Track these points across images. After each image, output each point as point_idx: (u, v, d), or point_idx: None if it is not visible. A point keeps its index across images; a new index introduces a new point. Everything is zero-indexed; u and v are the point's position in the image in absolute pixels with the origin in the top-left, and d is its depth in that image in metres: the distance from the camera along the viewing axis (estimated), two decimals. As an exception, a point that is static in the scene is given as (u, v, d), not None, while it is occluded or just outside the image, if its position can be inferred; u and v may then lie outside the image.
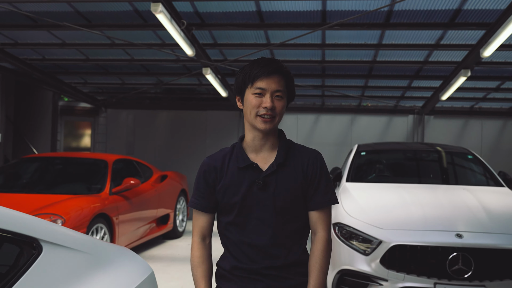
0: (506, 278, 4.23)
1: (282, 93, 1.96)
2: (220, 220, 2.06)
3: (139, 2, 6.04)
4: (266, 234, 1.96)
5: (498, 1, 5.61)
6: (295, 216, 2.00)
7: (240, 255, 1.99)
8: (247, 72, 1.98)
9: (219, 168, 2.00)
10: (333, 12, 6.14)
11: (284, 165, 1.98)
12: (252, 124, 1.97)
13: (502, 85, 9.40)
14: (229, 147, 2.07)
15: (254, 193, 1.95)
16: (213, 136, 12.10)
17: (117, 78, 10.50)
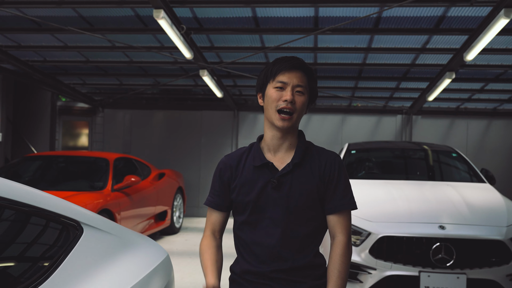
0: (485, 266, 4.56)
1: (303, 89, 1.93)
2: (235, 219, 2.03)
3: (141, 8, 6.30)
4: (278, 235, 1.91)
5: (479, 9, 5.94)
6: (308, 218, 1.94)
7: (251, 257, 1.96)
8: (269, 68, 1.96)
9: (235, 167, 1.99)
10: (325, 18, 6.44)
11: (300, 165, 1.94)
12: (271, 121, 1.94)
13: (486, 86, 9.75)
14: (247, 146, 2.06)
15: (268, 192, 1.92)
16: (208, 136, 12.37)
17: (115, 79, 10.74)
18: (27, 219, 1.63)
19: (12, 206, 1.56)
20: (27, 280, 1.44)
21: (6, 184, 1.61)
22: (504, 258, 4.61)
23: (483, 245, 4.59)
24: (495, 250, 4.60)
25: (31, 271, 1.50)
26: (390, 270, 4.60)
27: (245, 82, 10.18)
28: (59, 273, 1.58)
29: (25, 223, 1.62)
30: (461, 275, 4.47)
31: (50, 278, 1.53)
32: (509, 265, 4.59)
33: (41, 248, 1.66)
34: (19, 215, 1.59)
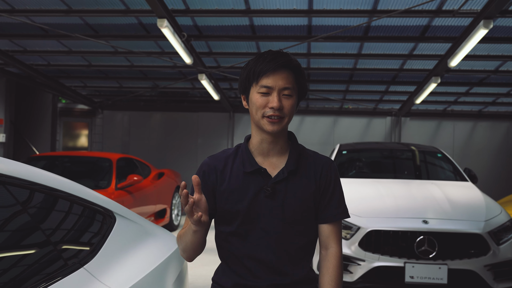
0: (465, 257, 4.93)
1: (291, 91, 1.72)
2: (220, 230, 1.83)
3: (145, 17, 6.63)
4: (272, 247, 1.75)
5: (461, 19, 6.32)
6: (304, 229, 1.79)
7: (242, 270, 1.77)
8: (251, 67, 1.74)
9: (220, 170, 1.79)
10: (317, 27, 6.80)
11: (295, 172, 1.77)
12: (259, 125, 1.74)
13: (471, 90, 10.16)
14: (232, 148, 1.86)
15: (261, 201, 1.74)
16: (205, 137, 12.70)
17: (115, 82, 11.06)
18: (78, 209, 1.96)
19: (65, 197, 1.90)
20: (81, 257, 1.78)
21: (59, 178, 1.95)
22: (482, 250, 4.99)
23: (463, 238, 4.96)
24: (474, 242, 4.98)
25: (83, 250, 1.84)
26: (378, 262, 4.94)
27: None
28: (103, 252, 1.92)
29: (75, 211, 1.96)
30: (443, 265, 4.84)
31: (96, 256, 1.87)
32: (486, 257, 4.97)
33: (89, 231, 1.99)
34: (70, 205, 1.93)
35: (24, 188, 1.66)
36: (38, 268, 1.56)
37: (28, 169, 1.76)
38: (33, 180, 1.72)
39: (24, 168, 1.74)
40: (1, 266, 1.43)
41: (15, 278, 1.44)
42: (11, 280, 1.42)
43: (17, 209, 1.59)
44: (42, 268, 1.57)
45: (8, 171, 1.62)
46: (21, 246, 1.57)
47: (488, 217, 5.25)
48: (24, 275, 1.48)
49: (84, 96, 12.15)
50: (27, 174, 1.71)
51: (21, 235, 1.58)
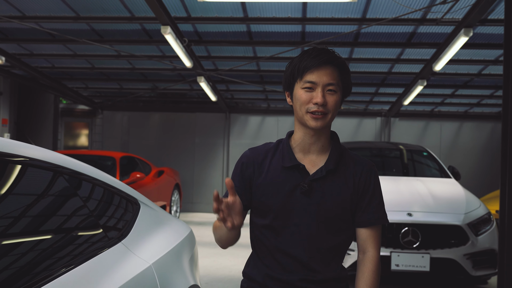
0: (446, 247, 5.35)
1: (335, 87, 1.72)
2: (255, 222, 1.84)
3: (148, 24, 6.99)
4: (304, 244, 1.75)
5: (444, 27, 6.73)
6: (338, 229, 1.78)
7: (273, 264, 1.78)
8: (296, 64, 1.76)
9: (259, 163, 1.81)
10: (311, 33, 7.19)
11: (334, 172, 1.77)
12: (302, 121, 1.76)
13: (456, 92, 10.59)
14: (273, 142, 1.88)
15: (296, 197, 1.75)
16: (202, 136, 13.06)
17: (116, 84, 11.39)
18: (112, 196, 2.34)
19: (102, 185, 2.27)
20: (118, 234, 2.15)
21: (97, 171, 2.32)
22: (461, 240, 5.41)
23: (444, 229, 5.38)
24: (454, 233, 5.40)
25: (120, 229, 2.21)
26: (366, 251, 5.35)
27: (237, 87, 10.89)
28: (133, 232, 2.29)
29: (110, 198, 2.33)
30: (426, 254, 5.25)
31: (129, 234, 2.24)
32: (466, 246, 5.40)
33: (122, 214, 2.36)
34: (106, 192, 2.30)
35: (74, 177, 2.03)
36: (90, 240, 1.94)
37: (78, 163, 2.13)
38: (80, 171, 2.09)
39: (75, 162, 2.11)
40: (67, 236, 1.81)
41: (76, 248, 1.82)
42: (75, 248, 1.80)
43: (70, 192, 1.96)
44: (92, 241, 1.94)
45: (66, 164, 1.99)
46: (76, 222, 1.95)
47: (468, 210, 5.67)
48: (81, 247, 1.86)
49: (85, 97, 12.48)
50: (78, 167, 2.09)
51: (76, 215, 1.95)
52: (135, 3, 6.37)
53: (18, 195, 1.69)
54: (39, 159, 1.83)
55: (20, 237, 1.58)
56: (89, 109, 13.36)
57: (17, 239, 1.56)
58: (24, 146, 1.80)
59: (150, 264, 2.17)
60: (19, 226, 1.61)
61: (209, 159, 13.03)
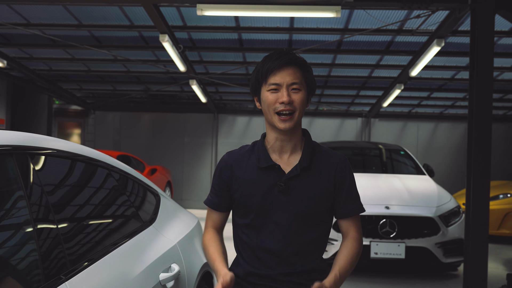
0: (419, 237, 5.90)
1: (299, 85, 1.78)
2: (236, 221, 1.92)
3: (146, 32, 7.41)
4: (283, 240, 1.81)
5: (419, 37, 7.28)
6: (316, 223, 1.83)
7: (254, 261, 1.85)
8: (259, 69, 1.82)
9: (236, 166, 1.87)
10: (297, 41, 7.69)
11: (308, 168, 1.83)
12: (271, 123, 1.81)
13: (432, 94, 11.20)
14: (249, 145, 1.93)
15: (274, 196, 1.80)
16: (191, 136, 13.49)
17: (109, 85, 11.76)
18: (140, 188, 2.79)
19: (133, 179, 2.72)
20: (149, 219, 2.61)
21: (128, 167, 2.78)
22: (433, 230, 5.97)
23: (418, 221, 5.93)
24: (427, 224, 5.95)
25: (149, 215, 2.67)
26: (348, 240, 5.87)
27: (226, 89, 11.35)
28: (159, 218, 2.75)
29: (140, 190, 2.78)
30: (401, 243, 5.79)
31: (156, 219, 2.70)
32: (437, 236, 5.95)
33: (150, 203, 2.83)
34: (137, 185, 2.75)
35: (112, 171, 2.49)
36: (133, 222, 2.40)
37: (109, 158, 2.58)
38: (115, 165, 2.55)
39: (112, 159, 2.57)
40: (118, 219, 2.27)
41: (126, 228, 2.28)
42: (126, 228, 2.27)
43: (114, 184, 2.42)
44: (134, 223, 2.41)
45: (101, 158, 2.45)
46: (123, 208, 2.41)
47: (439, 203, 6.23)
48: (128, 227, 2.32)
49: (78, 98, 12.82)
50: (111, 160, 2.55)
51: (121, 204, 2.41)
52: (135, 13, 6.78)
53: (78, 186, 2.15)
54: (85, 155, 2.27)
55: (91, 219, 2.04)
56: (81, 109, 13.69)
57: (89, 221, 2.03)
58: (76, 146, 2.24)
59: (175, 243, 2.65)
60: (86, 211, 2.07)
61: (198, 158, 13.48)
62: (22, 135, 1.71)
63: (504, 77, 9.37)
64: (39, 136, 1.83)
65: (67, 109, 13.89)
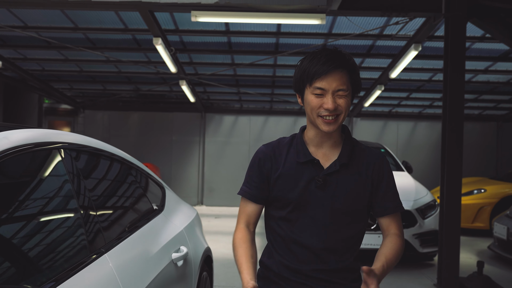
0: (398, 228, 6.29)
1: (345, 91, 1.73)
2: (271, 213, 1.88)
3: (139, 34, 7.70)
4: (319, 236, 1.78)
5: (398, 42, 7.69)
6: (353, 221, 1.81)
7: (287, 254, 1.82)
8: (305, 69, 1.76)
9: (275, 158, 1.84)
10: (284, 45, 8.04)
11: (347, 165, 1.80)
12: (314, 124, 1.79)
13: (411, 95, 11.66)
14: (288, 137, 1.91)
15: (312, 191, 1.78)
16: (179, 134, 13.78)
17: (100, 85, 11.99)
18: (150, 181, 3.12)
19: (142, 172, 3.05)
20: (160, 207, 2.93)
21: (139, 163, 3.10)
22: (411, 222, 6.38)
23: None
24: (405, 217, 6.36)
25: (159, 204, 3.00)
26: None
27: (214, 89, 11.66)
28: (167, 207, 3.08)
29: (150, 183, 3.10)
30: (381, 235, 6.16)
31: (165, 208, 3.03)
32: (414, 227, 6.37)
33: (158, 193, 3.15)
34: (145, 177, 3.07)
35: (131, 167, 2.81)
36: (147, 210, 2.73)
37: (130, 156, 2.91)
38: (132, 161, 2.87)
39: (129, 156, 2.89)
40: (136, 206, 2.60)
41: (137, 214, 2.61)
42: (143, 214, 2.59)
43: (132, 178, 2.75)
44: (148, 211, 2.73)
45: (127, 157, 2.77)
46: (139, 198, 2.73)
47: (416, 197, 6.65)
48: (144, 213, 2.65)
49: (68, 97, 13.02)
50: (124, 155, 2.87)
51: (136, 193, 2.73)
52: (130, 17, 7.06)
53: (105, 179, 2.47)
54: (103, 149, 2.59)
55: (118, 206, 2.37)
56: (71, 108, 13.88)
57: (116, 207, 2.35)
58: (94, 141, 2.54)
59: (182, 229, 2.98)
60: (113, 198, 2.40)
61: (186, 156, 13.77)
62: (57, 133, 2.02)
63: (478, 79, 9.84)
64: (75, 135, 2.14)
65: (57, 108, 14.07)
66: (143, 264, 2.16)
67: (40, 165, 1.76)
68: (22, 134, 1.68)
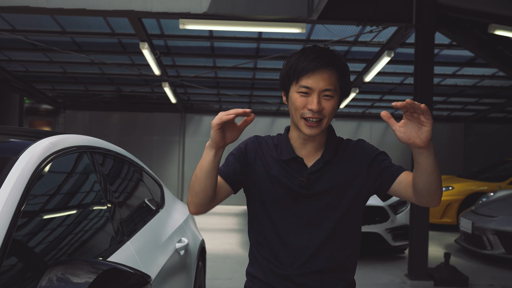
0: (372, 223, 6.70)
1: (332, 92, 1.62)
2: (253, 214, 1.76)
3: (126, 39, 7.93)
4: (305, 234, 1.68)
5: (372, 48, 8.11)
6: (341, 218, 1.69)
7: (271, 256, 1.71)
8: (292, 65, 1.65)
9: (261, 149, 1.75)
10: (264, 49, 8.38)
11: (332, 162, 1.71)
12: (297, 125, 1.68)
13: (383, 97, 12.14)
14: (275, 135, 1.83)
15: (296, 190, 1.68)
16: (159, 134, 14.01)
17: (82, 86, 12.14)
18: (151, 180, 3.41)
19: (145, 171, 3.34)
20: (160, 203, 3.23)
21: (142, 163, 3.39)
22: (384, 218, 6.79)
23: (371, 209, 6.73)
24: (378, 213, 6.77)
25: (160, 200, 3.29)
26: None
27: (194, 90, 11.94)
28: (166, 204, 3.38)
29: (151, 181, 3.40)
30: (357, 229, 6.57)
31: (165, 205, 3.33)
32: (387, 222, 6.78)
33: (158, 190, 3.44)
34: (150, 177, 3.36)
35: (137, 167, 3.10)
36: (152, 205, 3.02)
37: (135, 158, 3.20)
38: (138, 162, 3.17)
39: (134, 157, 3.18)
40: (143, 202, 2.90)
41: (146, 208, 2.91)
42: (146, 207, 2.90)
43: (138, 176, 3.04)
44: (153, 206, 3.03)
45: (134, 158, 3.06)
46: (145, 194, 3.03)
47: (389, 194, 7.06)
48: (148, 208, 2.95)
49: (50, 97, 13.11)
50: (136, 159, 3.16)
51: (142, 189, 3.03)
52: (117, 22, 7.29)
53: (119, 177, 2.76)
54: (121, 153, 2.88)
55: (131, 200, 2.67)
56: (52, 108, 13.96)
57: (130, 202, 2.65)
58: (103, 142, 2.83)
59: (181, 222, 3.29)
60: (127, 194, 2.70)
61: (166, 155, 14.01)
62: (87, 138, 2.32)
63: (446, 82, 10.35)
64: (96, 139, 2.44)
65: (38, 108, 14.14)
66: (156, 250, 2.47)
67: (75, 166, 2.05)
68: (60, 139, 1.97)
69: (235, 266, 6.35)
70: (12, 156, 1.62)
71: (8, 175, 1.51)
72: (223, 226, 9.75)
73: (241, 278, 5.79)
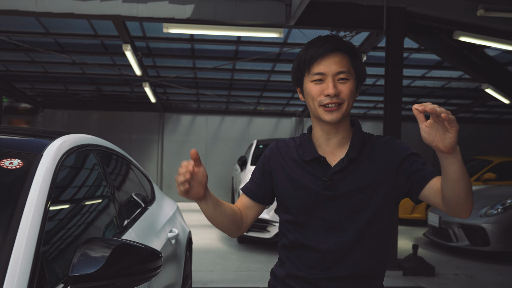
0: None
1: (346, 74, 1.58)
2: (281, 217, 1.74)
3: (108, 40, 8.11)
4: (331, 238, 1.61)
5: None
6: (370, 222, 1.61)
7: (297, 260, 1.66)
8: (301, 56, 1.63)
9: (282, 156, 1.72)
10: (243, 51, 8.65)
11: (357, 160, 1.63)
12: (317, 116, 1.63)
13: (356, 98, 12.52)
14: (298, 136, 1.77)
15: (320, 191, 1.61)
16: (138, 133, 14.15)
17: (62, 85, 12.21)
18: (143, 176, 3.65)
19: (136, 166, 3.58)
20: (152, 197, 3.48)
21: (134, 161, 3.63)
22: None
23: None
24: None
25: (151, 194, 3.54)
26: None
27: (173, 90, 12.14)
28: (157, 198, 3.64)
29: (143, 177, 3.64)
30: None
31: (156, 199, 3.57)
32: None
33: (148, 185, 3.69)
34: (138, 171, 3.61)
35: (131, 163, 3.35)
36: (145, 199, 3.27)
37: (128, 155, 3.43)
38: (131, 159, 3.41)
39: (127, 155, 3.42)
40: (137, 194, 3.15)
41: (141, 200, 3.16)
42: (141, 200, 3.15)
43: (132, 171, 3.29)
44: (146, 200, 3.28)
45: (127, 156, 3.30)
46: (138, 189, 3.28)
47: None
48: (143, 201, 3.20)
49: (29, 96, 13.14)
50: (129, 157, 3.41)
51: (137, 184, 3.28)
52: (100, 24, 7.47)
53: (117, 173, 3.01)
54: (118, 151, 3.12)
55: (130, 194, 2.92)
56: (31, 107, 13.98)
57: (129, 195, 2.90)
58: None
59: (171, 215, 3.55)
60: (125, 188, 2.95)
61: (145, 154, 14.16)
62: (91, 137, 2.56)
63: (416, 84, 10.80)
64: (98, 139, 2.68)
65: (17, 107, 14.13)
66: (153, 238, 2.74)
67: (83, 162, 2.30)
68: (71, 138, 2.22)
69: (216, 259, 6.61)
70: (37, 153, 1.86)
71: (38, 166, 1.76)
72: (203, 222, 10.00)
73: (221, 270, 6.07)
